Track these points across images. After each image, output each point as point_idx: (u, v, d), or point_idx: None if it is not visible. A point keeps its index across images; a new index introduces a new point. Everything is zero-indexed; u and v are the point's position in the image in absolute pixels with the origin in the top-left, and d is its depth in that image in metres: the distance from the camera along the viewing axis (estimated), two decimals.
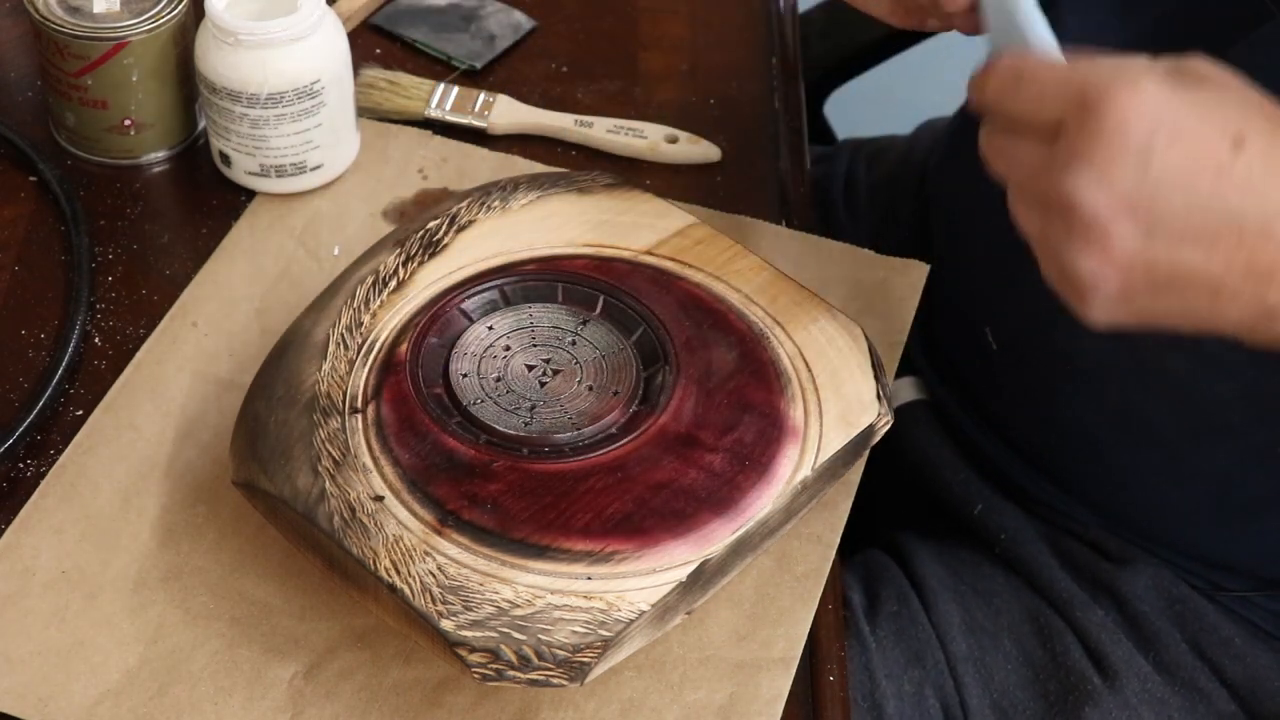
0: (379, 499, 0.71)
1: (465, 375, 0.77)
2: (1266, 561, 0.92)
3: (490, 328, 0.79)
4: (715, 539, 0.71)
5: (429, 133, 0.98)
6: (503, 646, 0.67)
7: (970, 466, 0.98)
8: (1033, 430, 0.95)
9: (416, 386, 0.75)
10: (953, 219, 1.02)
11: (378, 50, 1.04)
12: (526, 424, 0.75)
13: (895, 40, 1.30)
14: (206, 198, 0.95)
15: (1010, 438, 0.97)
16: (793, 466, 0.74)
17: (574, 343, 0.79)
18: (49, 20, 0.90)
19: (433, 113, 0.99)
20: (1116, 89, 0.66)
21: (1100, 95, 0.67)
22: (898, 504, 0.96)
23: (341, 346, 0.77)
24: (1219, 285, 0.68)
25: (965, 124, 1.03)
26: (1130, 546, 0.93)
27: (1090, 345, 0.89)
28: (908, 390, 1.02)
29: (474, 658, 0.67)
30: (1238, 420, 0.86)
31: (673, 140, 0.99)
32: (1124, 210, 0.67)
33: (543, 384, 0.77)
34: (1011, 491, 0.96)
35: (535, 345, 0.79)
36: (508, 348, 0.78)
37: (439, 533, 0.70)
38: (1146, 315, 0.70)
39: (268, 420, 0.75)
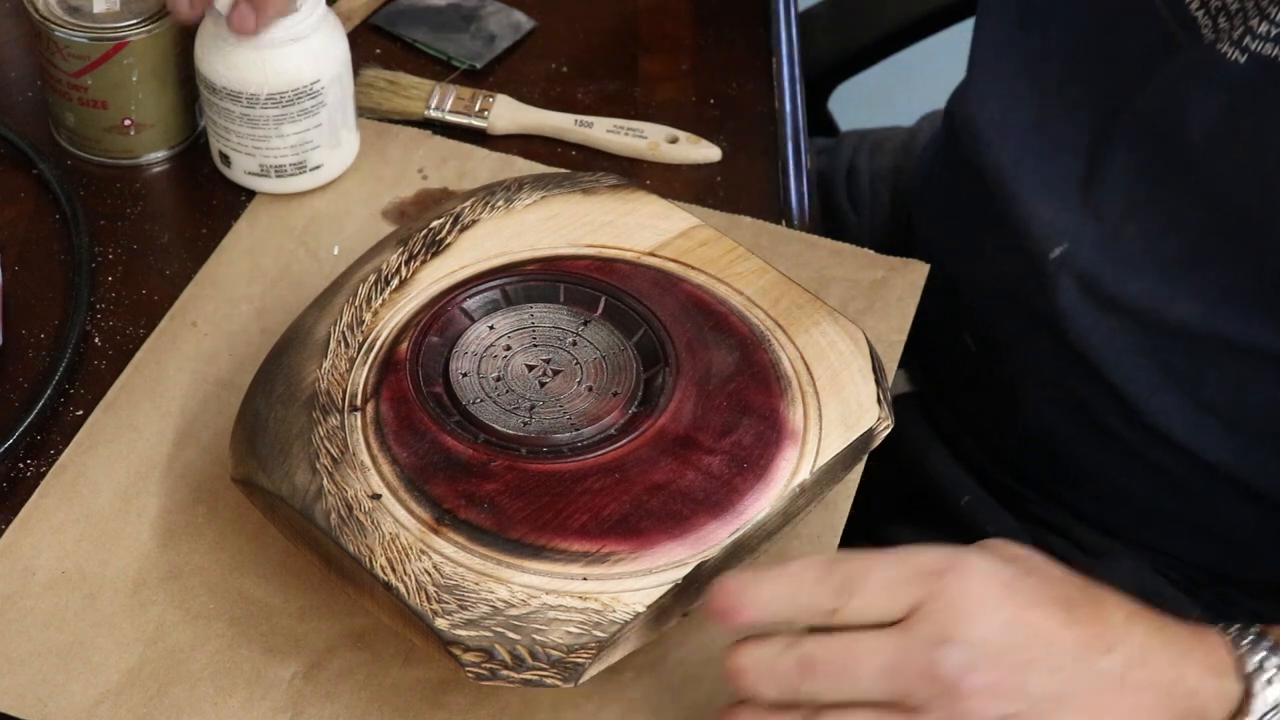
0: (376, 497, 0.71)
1: (465, 374, 0.77)
2: (1232, 561, 0.92)
3: (491, 327, 0.79)
4: (712, 541, 0.71)
5: (429, 133, 0.98)
6: (497, 646, 0.67)
7: (956, 460, 0.99)
8: (1005, 430, 0.96)
9: (416, 385, 0.75)
10: (927, 236, 1.03)
11: (378, 50, 1.04)
12: (525, 424, 0.75)
13: (900, 36, 1.30)
14: (206, 198, 0.95)
15: (986, 437, 0.98)
16: (791, 469, 0.74)
17: (574, 343, 0.79)
18: (49, 20, 0.90)
19: (432, 113, 0.99)
20: (962, 562, 0.67)
21: (951, 569, 0.67)
22: (888, 496, 0.96)
23: (342, 344, 0.77)
24: None
25: (946, 149, 1.04)
26: (1108, 540, 0.93)
27: (1044, 354, 0.90)
28: (898, 383, 1.03)
29: (468, 657, 0.67)
30: (1178, 427, 0.86)
31: (673, 140, 0.99)
32: (1004, 680, 0.66)
33: (542, 384, 0.77)
34: (994, 487, 0.97)
35: (536, 345, 0.79)
36: (508, 347, 0.78)
37: (435, 531, 0.70)
38: None
39: (267, 417, 0.75)
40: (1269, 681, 0.69)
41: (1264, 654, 0.69)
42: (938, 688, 0.65)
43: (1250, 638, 0.70)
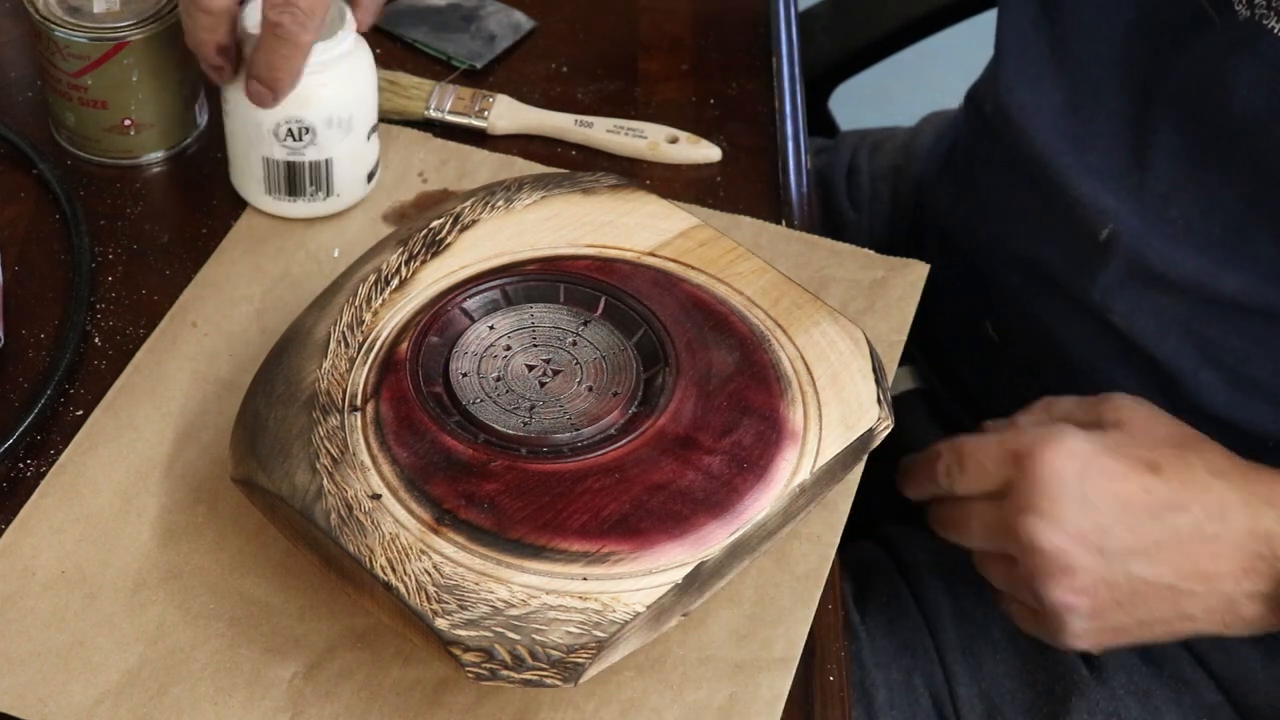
0: (376, 497, 0.71)
1: (465, 374, 0.77)
2: None
3: (491, 327, 0.79)
4: (712, 541, 0.71)
5: (428, 135, 0.98)
6: (497, 646, 0.67)
7: None
8: None
9: (416, 385, 0.75)
10: (945, 225, 1.03)
11: (378, 50, 1.03)
12: (525, 424, 0.75)
13: (900, 36, 1.30)
14: (206, 198, 0.95)
15: None
16: (791, 469, 0.74)
17: (575, 343, 0.79)
18: (49, 20, 0.90)
19: (432, 113, 0.99)
20: (1044, 445, 0.80)
21: (1031, 452, 0.80)
22: (890, 495, 0.96)
23: (342, 344, 0.77)
24: (1175, 589, 0.80)
25: (958, 139, 1.04)
26: None
27: (1080, 336, 0.90)
28: (903, 380, 1.03)
29: (468, 657, 0.67)
30: (1222, 404, 0.87)
31: (673, 140, 0.99)
32: (1077, 540, 0.79)
33: (542, 384, 0.77)
34: None
35: (536, 345, 0.79)
36: (508, 347, 0.78)
37: (435, 531, 0.70)
38: (1123, 629, 0.82)
39: (267, 417, 0.75)
40: None
41: None
42: (1021, 546, 0.80)
43: None
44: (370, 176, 0.93)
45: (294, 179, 0.91)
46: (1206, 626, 0.82)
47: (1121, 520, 0.79)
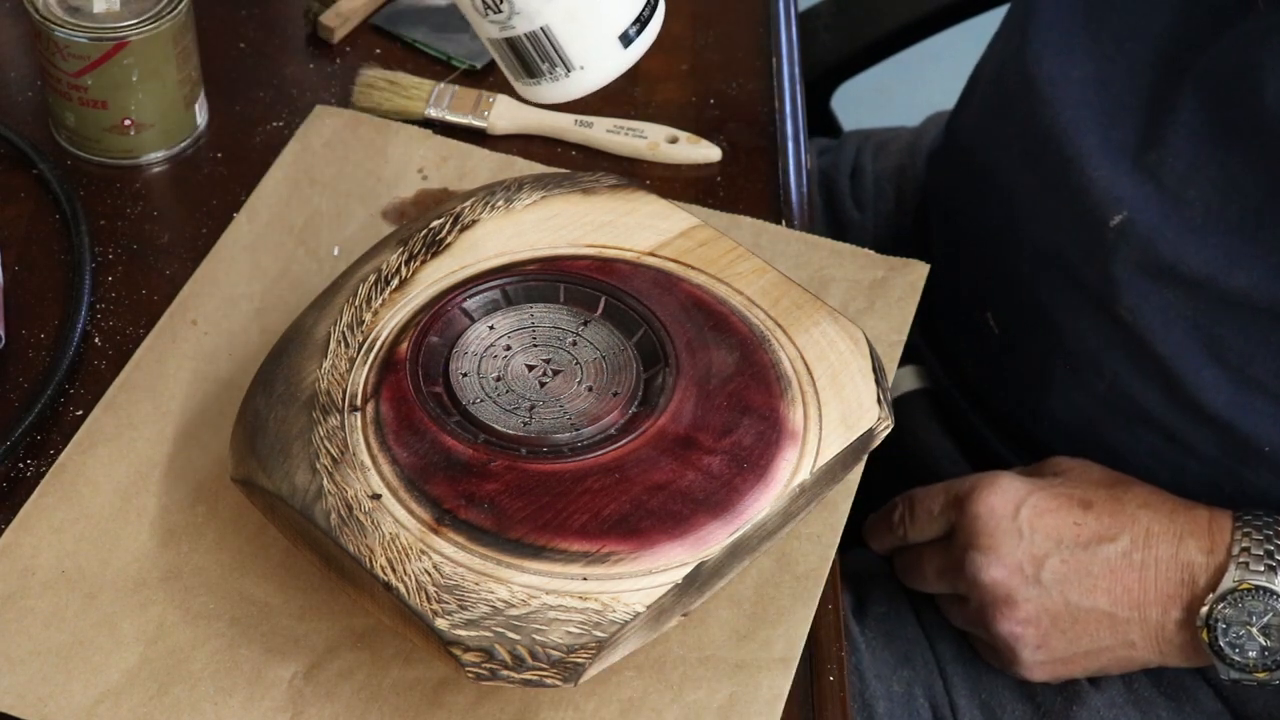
0: (376, 497, 0.71)
1: (465, 374, 0.77)
2: None
3: (491, 327, 0.79)
4: (712, 541, 0.71)
5: (429, 132, 0.98)
6: (497, 646, 0.67)
7: (967, 459, 0.99)
8: (1029, 417, 0.96)
9: (416, 385, 0.75)
10: (950, 213, 1.03)
11: (378, 50, 1.04)
12: (525, 424, 0.75)
13: (903, 35, 1.30)
14: (206, 198, 0.95)
15: (1007, 427, 0.97)
16: (791, 469, 0.74)
17: (575, 343, 0.79)
18: (49, 20, 0.90)
19: (432, 113, 0.99)
20: (980, 486, 0.86)
21: (969, 494, 0.86)
22: (889, 496, 0.96)
23: (342, 344, 0.77)
24: (1113, 617, 0.85)
25: (962, 121, 1.03)
26: None
27: (1085, 327, 0.90)
28: (908, 379, 1.03)
29: (468, 657, 0.68)
30: (1223, 404, 0.87)
31: (673, 140, 0.99)
32: (1015, 573, 0.85)
33: (542, 384, 0.77)
34: None
35: (536, 345, 0.79)
36: (508, 347, 0.78)
37: (435, 531, 0.70)
38: (1071, 658, 0.86)
39: (267, 417, 0.75)
40: (1241, 564, 0.82)
41: (1251, 543, 0.83)
42: (967, 582, 0.86)
43: (1253, 527, 0.84)
44: (628, 38, 0.77)
45: (523, 59, 0.77)
46: (1147, 654, 0.85)
47: (1056, 552, 0.84)
